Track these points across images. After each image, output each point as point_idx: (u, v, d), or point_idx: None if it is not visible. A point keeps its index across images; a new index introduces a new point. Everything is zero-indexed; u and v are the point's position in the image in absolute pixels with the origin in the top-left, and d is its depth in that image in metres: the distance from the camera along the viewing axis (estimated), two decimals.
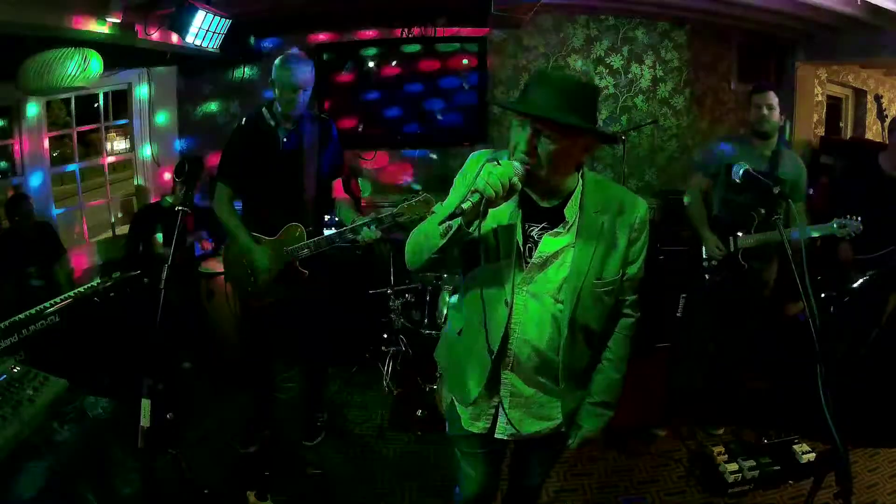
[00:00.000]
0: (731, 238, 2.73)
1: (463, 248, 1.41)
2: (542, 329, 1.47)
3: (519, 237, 1.43)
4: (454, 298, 1.78)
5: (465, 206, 1.26)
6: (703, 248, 2.83)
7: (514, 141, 1.36)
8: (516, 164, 1.33)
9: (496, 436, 1.60)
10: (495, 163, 1.32)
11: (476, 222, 1.31)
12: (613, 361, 1.59)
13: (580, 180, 1.46)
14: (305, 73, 2.49)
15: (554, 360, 1.50)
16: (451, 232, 1.30)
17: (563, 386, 1.54)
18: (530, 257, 1.45)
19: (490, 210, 1.34)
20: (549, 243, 1.44)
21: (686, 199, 2.93)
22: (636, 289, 1.57)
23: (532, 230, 1.45)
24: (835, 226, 2.59)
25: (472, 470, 1.76)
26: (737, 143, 2.82)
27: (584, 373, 1.60)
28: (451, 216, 1.28)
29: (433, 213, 1.50)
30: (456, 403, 1.66)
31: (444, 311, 3.37)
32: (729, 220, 2.76)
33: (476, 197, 1.27)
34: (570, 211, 1.44)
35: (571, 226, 1.44)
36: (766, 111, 2.67)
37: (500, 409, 1.57)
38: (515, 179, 1.30)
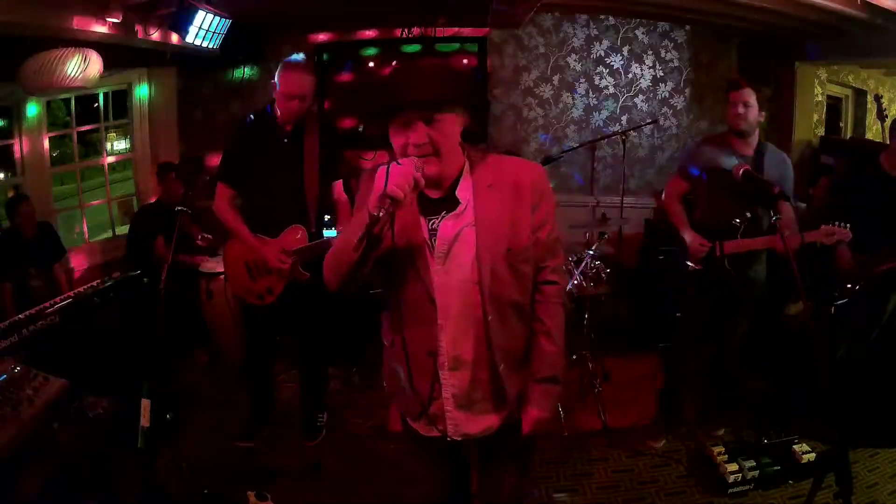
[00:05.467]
0: (716, 244, 2.61)
1: (378, 259, 1.39)
2: (468, 317, 1.45)
3: (424, 234, 1.44)
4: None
5: (379, 213, 1.26)
6: (687, 251, 2.72)
7: (400, 140, 1.37)
8: (414, 158, 1.33)
9: (448, 438, 1.56)
10: (395, 164, 1.31)
11: (387, 228, 1.31)
12: (547, 333, 1.53)
13: (466, 160, 1.47)
14: (305, 82, 2.48)
15: (487, 346, 1.46)
16: (365, 242, 1.28)
17: (503, 369, 1.48)
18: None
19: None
20: (448, 227, 1.44)
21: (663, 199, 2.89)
22: (555, 252, 1.55)
23: (434, 223, 1.45)
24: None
25: (434, 472, 1.72)
26: (715, 144, 2.70)
27: (524, 352, 1.55)
28: (368, 226, 1.26)
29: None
30: (408, 420, 1.63)
31: None
32: (713, 225, 2.65)
33: (387, 202, 1.26)
34: (463, 192, 1.45)
35: (466, 206, 1.44)
36: (741, 109, 2.54)
37: (447, 412, 1.52)
38: (419, 175, 1.31)
